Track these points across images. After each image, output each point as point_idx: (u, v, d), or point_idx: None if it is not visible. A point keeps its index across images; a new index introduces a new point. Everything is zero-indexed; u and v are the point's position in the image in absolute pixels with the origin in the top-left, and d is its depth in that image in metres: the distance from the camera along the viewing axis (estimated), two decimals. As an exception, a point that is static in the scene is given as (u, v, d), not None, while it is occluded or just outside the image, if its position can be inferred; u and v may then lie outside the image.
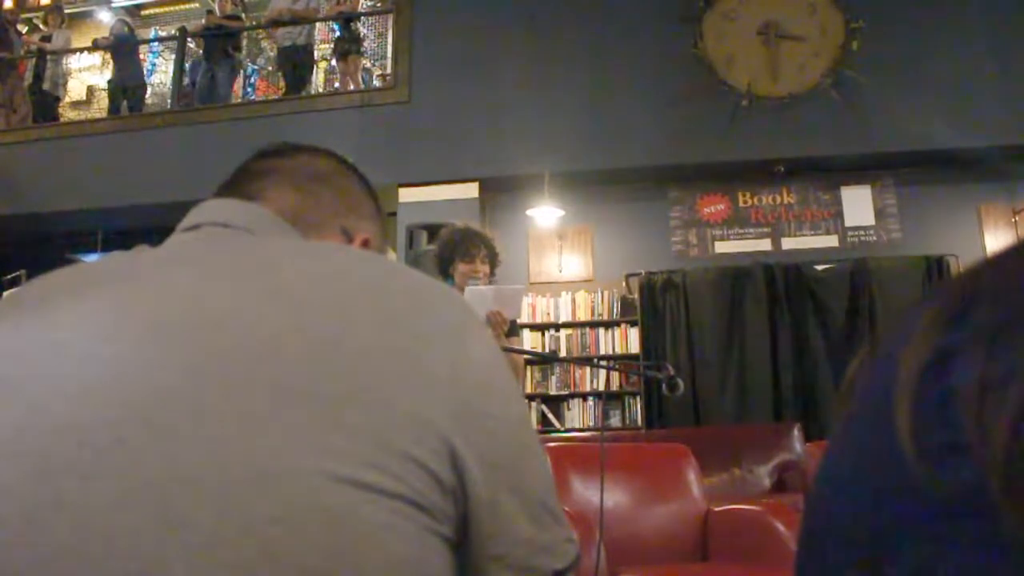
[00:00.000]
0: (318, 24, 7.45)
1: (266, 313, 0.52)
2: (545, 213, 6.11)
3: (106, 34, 8.34)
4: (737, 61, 5.99)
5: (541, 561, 0.56)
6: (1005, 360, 0.26)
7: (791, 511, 2.89)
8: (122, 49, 7.66)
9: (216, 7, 7.57)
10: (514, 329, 2.73)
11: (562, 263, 6.36)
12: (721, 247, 6.22)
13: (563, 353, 6.18)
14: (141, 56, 8.24)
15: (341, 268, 0.57)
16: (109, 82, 7.79)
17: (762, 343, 5.80)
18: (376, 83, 8.10)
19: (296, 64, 6.96)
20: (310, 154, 0.79)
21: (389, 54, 7.55)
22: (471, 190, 6.01)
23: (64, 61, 8.15)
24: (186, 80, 7.38)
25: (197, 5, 10.11)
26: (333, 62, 8.21)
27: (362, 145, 5.92)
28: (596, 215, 6.34)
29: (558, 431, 5.96)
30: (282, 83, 7.41)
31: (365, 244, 0.77)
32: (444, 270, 2.63)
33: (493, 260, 2.65)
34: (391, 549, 0.47)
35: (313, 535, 0.45)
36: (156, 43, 9.47)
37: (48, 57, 7.79)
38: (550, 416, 6.09)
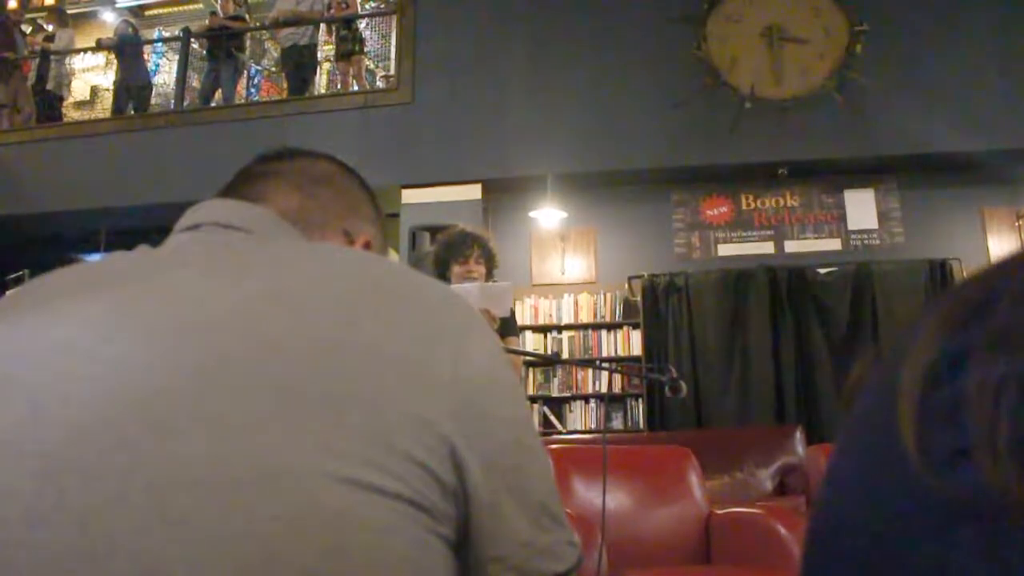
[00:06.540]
0: (322, 25, 7.45)
1: (268, 314, 0.52)
2: (548, 215, 6.11)
3: (110, 34, 8.35)
4: (740, 63, 5.98)
5: (541, 563, 0.56)
6: (1020, 363, 0.25)
7: (793, 514, 2.89)
8: (126, 49, 7.67)
9: (219, 8, 7.57)
10: (513, 329, 2.72)
11: (565, 265, 6.36)
12: (724, 250, 6.21)
13: (565, 355, 6.18)
14: (145, 56, 8.26)
15: (343, 269, 0.57)
16: (114, 82, 7.79)
17: (764, 346, 5.79)
18: (379, 84, 8.11)
19: (299, 65, 6.96)
20: (311, 158, 0.80)
21: (392, 55, 7.56)
22: (474, 192, 6.01)
23: (68, 61, 8.17)
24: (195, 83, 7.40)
25: (201, 6, 10.14)
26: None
27: (365, 146, 5.93)
28: (599, 217, 6.33)
29: (560, 433, 5.96)
30: (286, 84, 7.41)
31: (367, 246, 0.78)
32: (442, 273, 2.63)
33: (489, 261, 2.62)
34: (391, 549, 0.47)
35: (314, 535, 0.45)
36: (160, 44, 9.48)
37: (52, 57, 7.80)
38: (552, 418, 6.09)
